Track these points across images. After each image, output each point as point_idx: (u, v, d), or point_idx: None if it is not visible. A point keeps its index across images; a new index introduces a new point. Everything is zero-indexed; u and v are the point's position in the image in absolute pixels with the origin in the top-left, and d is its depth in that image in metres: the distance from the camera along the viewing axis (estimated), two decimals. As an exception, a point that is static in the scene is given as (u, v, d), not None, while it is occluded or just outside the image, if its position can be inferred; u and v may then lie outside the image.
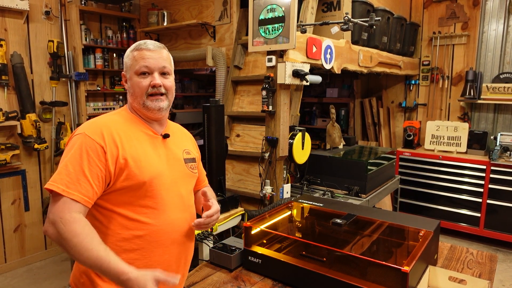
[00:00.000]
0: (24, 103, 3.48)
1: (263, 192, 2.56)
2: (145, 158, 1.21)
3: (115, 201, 1.18)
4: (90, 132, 1.16)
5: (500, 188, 3.80)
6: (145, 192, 1.19)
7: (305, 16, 2.81)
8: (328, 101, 5.17)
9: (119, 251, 1.17)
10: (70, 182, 1.09)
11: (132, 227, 1.18)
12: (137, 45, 1.27)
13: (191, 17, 3.91)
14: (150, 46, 1.26)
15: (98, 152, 1.13)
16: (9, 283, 3.32)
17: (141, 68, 1.24)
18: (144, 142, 1.24)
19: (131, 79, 1.26)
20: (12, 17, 3.45)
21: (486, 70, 4.32)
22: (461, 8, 4.37)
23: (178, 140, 1.40)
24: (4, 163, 3.37)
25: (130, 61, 1.26)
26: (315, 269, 1.41)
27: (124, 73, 1.30)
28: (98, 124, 1.20)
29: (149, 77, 1.24)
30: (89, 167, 1.11)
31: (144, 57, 1.24)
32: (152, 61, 1.24)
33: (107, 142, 1.15)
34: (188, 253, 1.36)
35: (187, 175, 1.35)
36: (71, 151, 1.13)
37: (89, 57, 4.02)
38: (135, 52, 1.25)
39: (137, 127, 1.27)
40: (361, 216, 1.75)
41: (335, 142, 3.49)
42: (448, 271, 1.49)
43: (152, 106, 1.25)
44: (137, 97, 1.25)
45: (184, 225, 1.30)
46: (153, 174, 1.20)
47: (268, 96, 2.48)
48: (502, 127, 4.28)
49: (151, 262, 1.21)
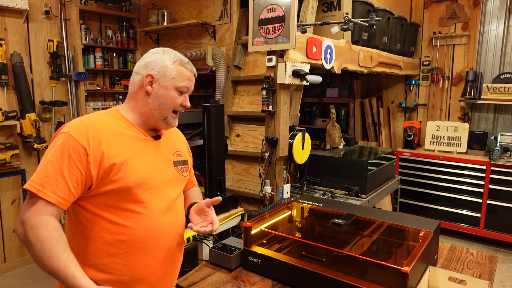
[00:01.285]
0: (24, 102, 3.47)
1: (263, 192, 2.56)
2: (132, 161, 1.18)
3: (99, 204, 1.15)
4: (74, 132, 1.12)
5: (500, 188, 3.80)
6: (130, 196, 1.16)
7: (305, 16, 2.80)
8: (328, 101, 5.16)
9: (103, 255, 1.16)
10: (47, 183, 1.06)
11: (115, 231, 1.16)
12: (183, 62, 1.27)
13: (191, 17, 3.90)
14: (194, 70, 1.30)
15: (80, 154, 1.10)
16: (8, 283, 3.32)
17: (184, 88, 1.26)
18: (133, 145, 1.21)
19: (167, 90, 1.24)
20: (12, 17, 3.45)
21: (486, 70, 4.31)
22: (462, 8, 4.37)
23: (170, 142, 1.37)
24: (4, 163, 3.37)
25: (175, 74, 1.24)
26: (315, 269, 1.41)
27: (155, 76, 1.23)
28: (85, 124, 1.16)
29: (182, 96, 1.27)
30: (68, 169, 1.08)
31: (190, 79, 1.28)
32: (192, 85, 1.30)
33: (91, 144, 1.11)
34: (175, 259, 1.32)
35: (176, 179, 1.32)
36: (52, 150, 1.10)
37: (89, 57, 4.02)
38: (182, 68, 1.26)
39: (127, 129, 1.23)
40: (361, 216, 1.75)
41: (335, 142, 3.49)
42: (448, 272, 1.49)
43: (172, 123, 1.28)
44: (164, 110, 1.24)
45: (171, 230, 1.27)
46: (139, 178, 1.18)
47: (268, 96, 2.48)
48: (502, 128, 4.28)
49: (135, 267, 1.19)
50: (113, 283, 1.18)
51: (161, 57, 1.25)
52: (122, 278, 1.18)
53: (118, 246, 1.16)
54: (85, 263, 1.17)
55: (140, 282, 1.21)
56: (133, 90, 1.27)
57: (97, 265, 1.17)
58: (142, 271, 1.20)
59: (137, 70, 1.27)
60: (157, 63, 1.24)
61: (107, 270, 1.17)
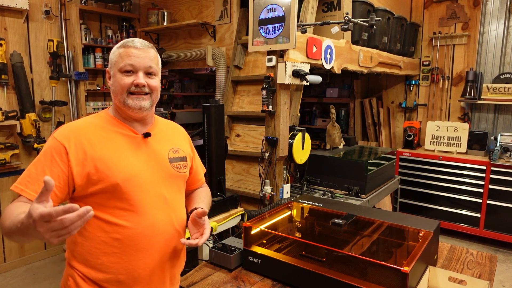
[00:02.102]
0: (24, 102, 3.47)
1: (263, 192, 2.56)
2: (117, 159, 1.17)
3: (91, 204, 1.13)
4: (58, 134, 1.17)
5: (500, 188, 3.80)
6: (120, 194, 1.16)
7: (305, 16, 2.80)
8: (328, 101, 5.17)
9: (100, 254, 1.17)
10: (29, 182, 1.11)
11: (110, 230, 1.16)
12: (124, 42, 1.23)
13: (191, 16, 3.90)
14: (137, 44, 1.22)
15: (60, 153, 1.13)
16: (8, 283, 3.32)
17: (126, 66, 1.20)
18: (119, 143, 1.21)
19: (114, 76, 1.22)
20: (12, 16, 3.45)
21: (486, 70, 4.31)
22: (462, 8, 4.37)
23: (166, 138, 1.35)
24: (4, 163, 3.37)
25: (116, 58, 1.22)
26: (314, 269, 1.41)
27: (108, 69, 1.26)
28: (70, 127, 1.20)
29: (132, 76, 1.21)
30: (50, 167, 1.12)
31: (130, 55, 1.20)
32: (138, 60, 1.20)
33: (72, 144, 1.15)
34: (174, 256, 1.31)
35: (171, 176, 1.30)
36: (38, 155, 1.17)
37: (89, 57, 4.02)
38: (121, 49, 1.22)
39: (114, 128, 1.23)
40: (361, 216, 1.75)
41: (335, 142, 3.49)
42: (448, 272, 1.49)
43: (132, 104, 1.21)
44: (118, 95, 1.22)
45: (167, 228, 1.25)
46: (127, 175, 1.17)
47: (268, 96, 2.48)
48: (502, 128, 4.28)
49: (132, 266, 1.19)
50: (111, 282, 1.18)
51: (112, 50, 1.25)
52: (120, 277, 1.19)
53: (113, 245, 1.17)
54: (84, 263, 1.18)
55: (138, 281, 1.21)
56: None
57: (95, 265, 1.17)
58: (139, 270, 1.20)
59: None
60: (110, 58, 1.26)
61: (104, 269, 1.17)
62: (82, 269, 1.18)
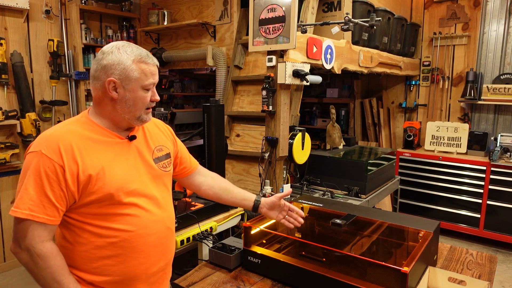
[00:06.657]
0: (24, 102, 3.48)
1: (263, 192, 2.55)
2: (109, 168, 1.17)
3: (86, 213, 1.16)
4: (46, 149, 1.10)
5: (500, 189, 3.79)
6: (113, 201, 1.17)
7: (306, 16, 2.80)
8: (328, 101, 5.17)
9: (94, 258, 1.17)
10: (34, 205, 1.08)
11: (104, 235, 1.17)
12: (142, 58, 1.19)
13: (191, 16, 3.90)
14: (155, 61, 1.24)
15: (57, 173, 1.09)
16: (8, 282, 3.32)
17: (150, 85, 1.21)
18: (107, 150, 1.19)
19: (133, 92, 1.18)
20: (12, 16, 3.45)
21: (486, 71, 4.31)
22: (462, 8, 4.37)
23: (149, 137, 1.34)
24: (4, 162, 3.37)
25: (138, 74, 1.17)
26: (314, 269, 1.41)
27: (117, 81, 1.16)
28: (55, 138, 1.12)
29: (150, 92, 1.23)
30: (51, 189, 1.09)
31: (153, 73, 1.22)
32: (157, 77, 1.25)
33: (66, 160, 1.10)
34: (167, 254, 1.33)
35: (158, 176, 1.31)
36: (28, 172, 1.09)
37: (89, 56, 4.02)
38: (143, 65, 1.18)
39: (98, 135, 1.20)
40: (361, 216, 1.75)
41: (335, 143, 3.49)
42: (447, 272, 1.49)
43: (147, 119, 1.26)
44: (135, 110, 1.20)
45: (160, 227, 1.27)
46: (119, 183, 1.17)
47: (268, 96, 2.48)
48: (502, 128, 4.28)
49: (128, 267, 1.20)
50: (109, 284, 1.20)
51: (118, 58, 1.15)
52: (117, 279, 1.20)
53: (108, 249, 1.17)
54: (79, 268, 1.18)
55: (135, 280, 1.23)
56: (97, 96, 1.20)
57: (90, 269, 1.18)
58: (135, 270, 1.22)
59: (95, 75, 1.18)
60: (115, 66, 1.15)
61: (100, 272, 1.18)
62: (76, 273, 1.18)
